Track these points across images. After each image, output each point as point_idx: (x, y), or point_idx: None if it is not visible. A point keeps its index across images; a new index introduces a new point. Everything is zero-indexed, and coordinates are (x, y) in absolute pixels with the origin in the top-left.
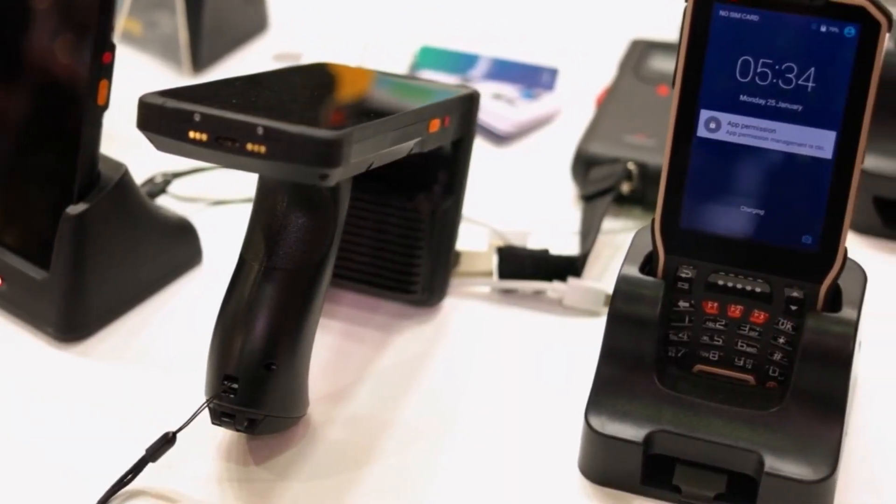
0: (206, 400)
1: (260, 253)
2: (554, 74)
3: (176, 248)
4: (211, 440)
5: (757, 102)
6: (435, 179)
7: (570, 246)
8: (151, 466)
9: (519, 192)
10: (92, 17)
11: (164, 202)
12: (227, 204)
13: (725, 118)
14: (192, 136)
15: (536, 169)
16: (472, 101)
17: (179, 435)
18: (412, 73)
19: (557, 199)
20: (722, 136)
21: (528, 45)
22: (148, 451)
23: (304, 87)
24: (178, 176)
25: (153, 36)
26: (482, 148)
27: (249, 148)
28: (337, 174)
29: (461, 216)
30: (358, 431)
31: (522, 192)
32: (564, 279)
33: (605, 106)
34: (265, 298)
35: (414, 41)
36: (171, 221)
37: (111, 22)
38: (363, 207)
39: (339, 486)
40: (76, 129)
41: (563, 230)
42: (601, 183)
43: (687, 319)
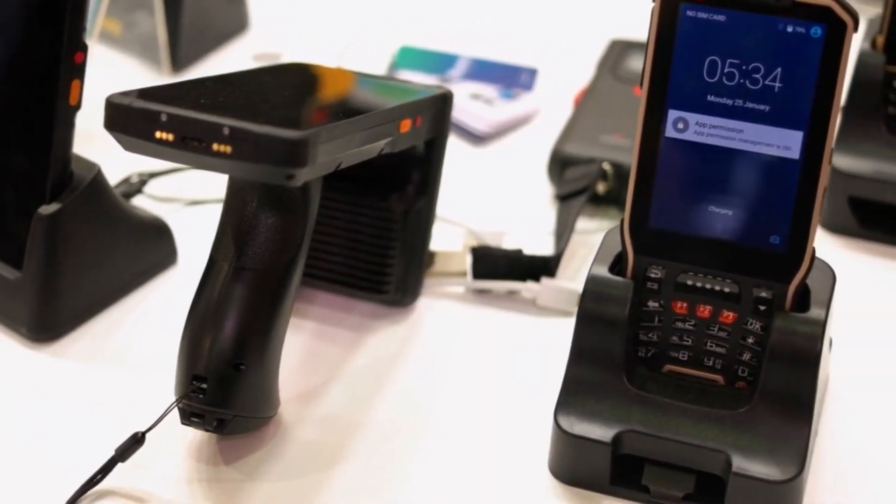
0: (175, 400)
1: (230, 253)
2: (533, 74)
3: (150, 248)
4: (181, 440)
5: (724, 102)
6: (408, 179)
7: (545, 246)
8: (121, 466)
9: (496, 192)
10: (63, 17)
11: (140, 202)
12: (203, 204)
13: (693, 118)
14: (158, 136)
15: (514, 169)
16: (444, 101)
17: (150, 435)
18: (391, 73)
19: (534, 199)
20: (690, 136)
21: (508, 45)
22: (117, 451)
23: (275, 87)
24: (154, 176)
25: (132, 36)
26: (460, 148)
27: (215, 148)
28: (303, 174)
29: (435, 216)
30: (329, 431)
31: (499, 192)
32: (538, 279)
33: (582, 106)
34: (234, 298)
35: (394, 41)
36: (145, 221)
37: (82, 22)
38: (336, 207)
39: (308, 486)
40: (48, 129)
41: (538, 230)
42: (576, 183)
43: (656, 320)
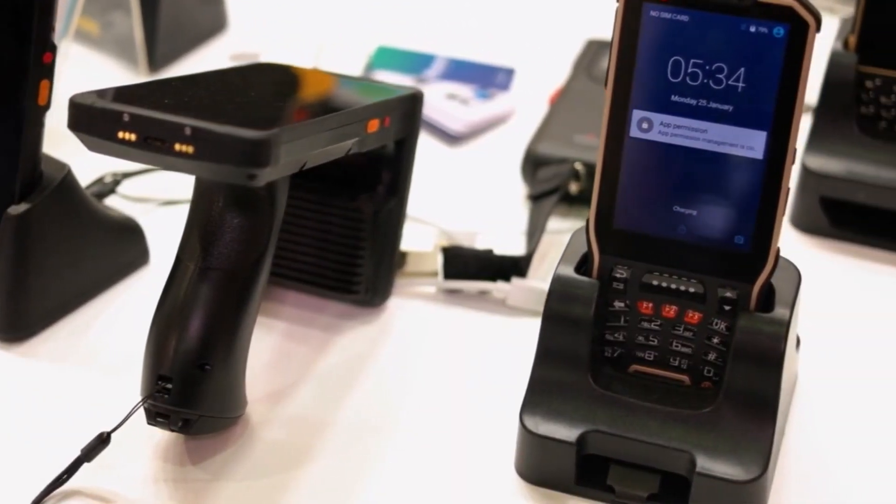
0: (140, 400)
1: (196, 253)
2: (510, 74)
3: (122, 248)
4: (148, 440)
5: (688, 103)
6: (378, 179)
7: (518, 246)
8: (88, 467)
9: (470, 192)
10: (31, 17)
11: (113, 202)
12: (177, 204)
13: (657, 118)
14: (121, 136)
15: (488, 169)
16: (414, 101)
17: (118, 436)
18: (367, 72)
19: (508, 199)
20: (654, 136)
21: (485, 45)
22: (83, 451)
23: (242, 87)
24: (127, 176)
25: (109, 36)
26: (435, 148)
27: (177, 148)
28: (266, 174)
29: (405, 216)
30: (296, 431)
31: (473, 192)
32: (509, 279)
33: (556, 106)
34: (200, 299)
35: (371, 41)
36: (116, 221)
37: (51, 22)
38: (306, 207)
39: (274, 486)
40: (18, 129)
41: (512, 230)
42: (548, 183)
43: (622, 320)
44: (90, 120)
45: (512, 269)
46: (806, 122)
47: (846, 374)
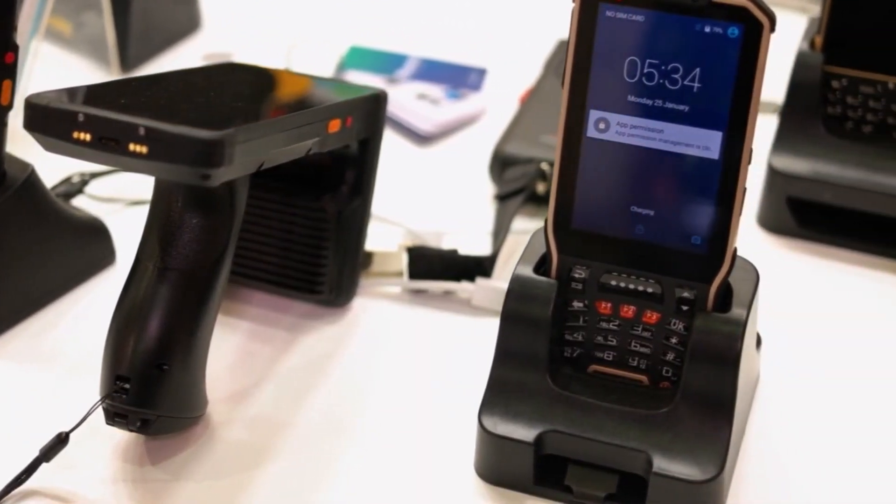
0: (98, 400)
1: (155, 253)
2: (482, 74)
3: (87, 248)
4: (109, 440)
5: (644, 103)
6: (342, 180)
7: (484, 246)
8: (47, 467)
9: (439, 192)
10: None
11: (80, 202)
12: (145, 204)
13: (614, 118)
14: (76, 136)
15: (457, 169)
16: (377, 101)
17: (79, 436)
18: (340, 72)
19: (476, 199)
20: (611, 136)
21: (460, 45)
22: (42, 450)
23: (203, 87)
24: (95, 176)
25: (82, 36)
26: (404, 148)
27: (132, 148)
28: (220, 174)
29: (370, 216)
30: (257, 432)
31: (442, 192)
32: (474, 279)
33: (525, 106)
34: (158, 299)
35: (344, 41)
36: (82, 222)
37: (13, 22)
38: (270, 207)
39: (233, 486)
40: None
41: (479, 230)
42: (515, 183)
43: (581, 320)
44: (45, 120)
45: (476, 269)
46: (772, 122)
47: (811, 374)
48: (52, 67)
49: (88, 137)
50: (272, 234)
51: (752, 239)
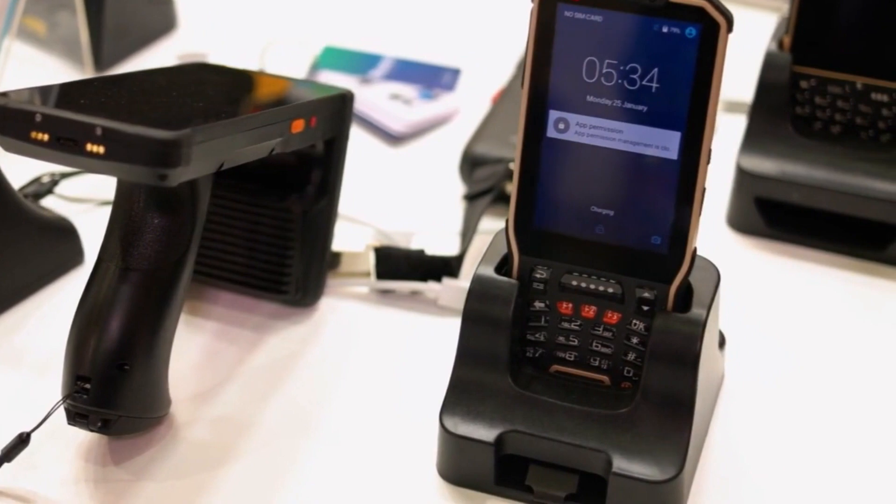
0: (59, 400)
1: (116, 254)
2: (456, 75)
3: (55, 248)
4: (71, 441)
5: (603, 103)
6: (308, 180)
7: (453, 246)
8: (9, 467)
9: (409, 192)
10: None
11: (50, 203)
12: None
13: (574, 119)
14: (33, 136)
15: (429, 169)
16: (343, 101)
17: (41, 436)
18: (313, 72)
19: (447, 199)
20: (571, 136)
21: (434, 45)
22: (2, 451)
23: (165, 87)
24: (66, 177)
25: (56, 36)
26: (376, 148)
27: (89, 148)
28: (177, 174)
29: (336, 216)
30: (221, 432)
31: (413, 192)
32: (441, 279)
33: (496, 106)
34: (120, 299)
35: (319, 41)
36: (49, 222)
37: None
38: (236, 207)
39: (195, 485)
40: None
41: (448, 230)
42: (484, 183)
43: (543, 320)
44: (3, 120)
45: (443, 269)
46: (740, 122)
47: (776, 374)
48: (26, 67)
49: (46, 138)
50: (238, 233)
51: (720, 239)
